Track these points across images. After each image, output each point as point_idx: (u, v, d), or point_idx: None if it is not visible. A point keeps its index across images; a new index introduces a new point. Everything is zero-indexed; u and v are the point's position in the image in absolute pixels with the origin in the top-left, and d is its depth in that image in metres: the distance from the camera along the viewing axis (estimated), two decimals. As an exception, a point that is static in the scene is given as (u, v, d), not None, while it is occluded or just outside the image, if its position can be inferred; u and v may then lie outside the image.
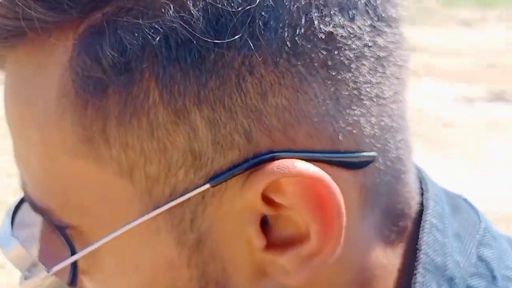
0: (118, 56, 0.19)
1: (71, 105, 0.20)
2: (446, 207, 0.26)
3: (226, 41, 0.18)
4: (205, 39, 0.18)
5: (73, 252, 0.22)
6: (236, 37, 0.18)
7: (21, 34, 0.20)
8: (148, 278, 0.23)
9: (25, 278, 0.23)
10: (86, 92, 0.19)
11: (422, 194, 0.25)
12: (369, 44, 0.21)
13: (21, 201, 0.25)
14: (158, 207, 0.20)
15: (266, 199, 0.21)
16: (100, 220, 0.22)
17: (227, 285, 0.22)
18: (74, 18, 0.19)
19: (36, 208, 0.23)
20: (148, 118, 0.19)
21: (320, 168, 0.20)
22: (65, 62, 0.20)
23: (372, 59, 0.21)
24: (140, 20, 0.18)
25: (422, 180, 0.26)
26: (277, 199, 0.20)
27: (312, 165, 0.20)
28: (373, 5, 0.21)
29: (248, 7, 0.18)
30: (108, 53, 0.19)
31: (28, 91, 0.21)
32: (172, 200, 0.20)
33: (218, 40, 0.18)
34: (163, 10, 0.18)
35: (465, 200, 0.28)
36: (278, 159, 0.20)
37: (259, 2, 0.18)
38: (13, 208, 0.25)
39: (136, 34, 0.19)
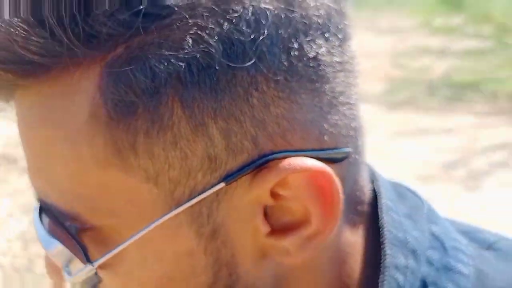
0: (150, 82, 0.21)
1: (103, 125, 0.22)
2: (393, 193, 0.29)
3: (239, 66, 0.21)
4: (221, 64, 0.21)
5: (104, 250, 0.24)
6: (247, 61, 0.21)
7: (47, 69, 0.22)
8: (170, 267, 0.25)
9: (69, 274, 0.25)
10: (118, 113, 0.22)
11: (372, 182, 0.29)
12: (340, 60, 0.24)
13: (40, 209, 0.26)
14: (180, 206, 0.23)
15: (272, 193, 0.23)
16: (128, 220, 0.24)
17: (235, 268, 0.25)
18: (101, 52, 0.22)
19: (62, 214, 0.24)
20: (172, 132, 0.22)
21: None
22: (93, 89, 0.22)
23: (342, 73, 0.24)
24: (166, 51, 0.21)
25: (371, 171, 0.29)
26: (283, 192, 0.23)
27: (317, 160, 0.23)
28: (339, 27, 0.24)
29: (254, 36, 0.21)
30: (141, 80, 0.21)
31: (55, 116, 0.23)
32: (192, 199, 0.23)
33: (232, 64, 0.21)
34: (182, 42, 0.21)
35: (406, 187, 0.31)
36: (279, 159, 0.23)
37: (262, 32, 0.21)
38: (37, 214, 0.26)
39: (165, 63, 0.21)
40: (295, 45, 0.22)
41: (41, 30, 0.21)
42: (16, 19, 0.21)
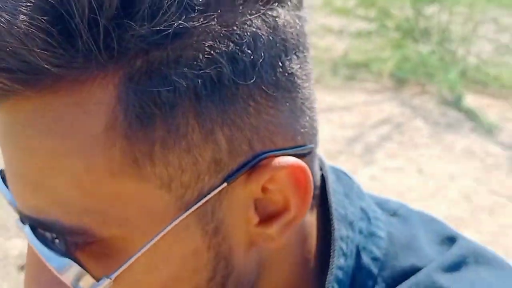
0: (171, 95, 0.22)
1: (121, 136, 0.22)
2: (333, 176, 0.33)
3: (243, 83, 0.24)
4: (229, 80, 0.23)
5: (113, 261, 0.24)
6: (248, 78, 0.24)
7: (58, 79, 0.21)
8: (176, 268, 0.26)
9: None
10: (138, 124, 0.22)
11: (321, 169, 0.32)
12: (306, 72, 0.27)
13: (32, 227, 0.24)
14: (189, 208, 0.24)
15: (262, 188, 0.26)
16: (139, 227, 0.24)
17: (231, 260, 0.27)
18: (120, 64, 0.22)
19: (66, 230, 0.23)
20: (186, 140, 0.23)
21: None
22: (112, 100, 0.22)
23: (307, 82, 0.28)
24: (184, 67, 0.22)
25: (319, 158, 0.32)
26: (270, 186, 0.26)
27: (296, 158, 0.26)
28: (305, 44, 0.27)
29: (253, 57, 0.24)
30: (163, 93, 0.22)
31: (64, 127, 0.22)
32: (200, 200, 0.24)
33: (237, 80, 0.23)
34: (197, 60, 0.22)
35: (340, 169, 0.35)
36: (268, 158, 0.25)
37: (259, 53, 0.24)
38: (32, 234, 0.24)
39: (184, 78, 0.22)
40: (280, 63, 0.25)
41: (62, 39, 0.21)
42: (32, 26, 0.21)
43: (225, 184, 0.25)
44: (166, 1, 0.21)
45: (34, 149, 0.23)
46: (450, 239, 0.33)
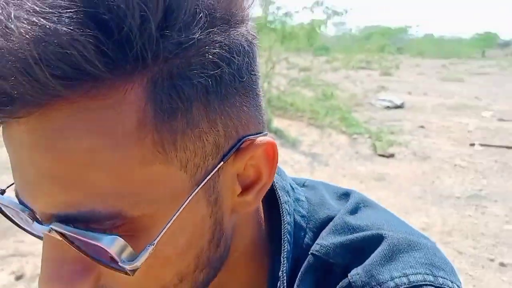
0: (191, 92, 0.26)
1: (151, 130, 0.26)
2: None
3: (235, 82, 0.29)
4: (228, 80, 0.28)
5: (144, 236, 0.27)
6: (238, 78, 0.29)
7: (99, 83, 0.24)
8: (189, 234, 0.30)
9: (129, 260, 0.26)
10: (165, 118, 0.26)
11: None
12: (259, 75, 0.33)
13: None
14: (199, 184, 0.29)
15: (245, 164, 0.32)
16: (165, 205, 0.28)
17: (222, 224, 0.33)
18: (147, 69, 0.25)
19: (101, 216, 0.26)
20: (198, 129, 0.28)
21: None
22: (141, 99, 0.25)
23: (259, 82, 0.33)
24: (198, 70, 0.27)
25: None
26: (250, 162, 0.32)
27: (267, 136, 0.32)
28: (255, 51, 0.32)
29: (239, 62, 0.29)
30: (185, 91, 0.26)
31: (101, 126, 0.25)
32: (206, 177, 0.29)
33: (232, 78, 0.29)
34: (207, 64, 0.27)
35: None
36: (248, 140, 0.31)
37: (243, 59, 0.30)
38: (67, 225, 0.26)
39: (200, 79, 0.27)
40: (251, 68, 0.31)
41: (114, 47, 0.23)
42: (81, 32, 0.22)
43: (222, 163, 0.30)
44: (186, 17, 0.25)
45: (72, 149, 0.25)
46: (345, 194, 0.45)
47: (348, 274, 0.36)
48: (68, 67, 0.22)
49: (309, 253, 0.38)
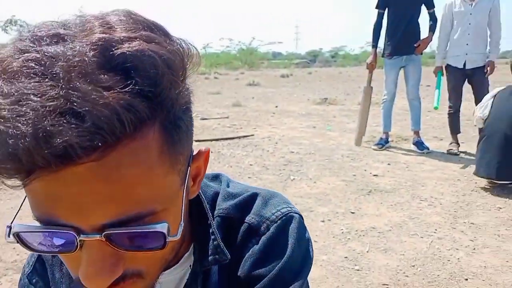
0: (186, 126, 0.41)
1: (167, 155, 0.39)
2: None
3: (192, 117, 0.43)
4: (191, 116, 0.43)
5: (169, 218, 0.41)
6: (191, 113, 0.43)
7: (137, 132, 0.35)
8: (178, 210, 0.43)
9: (172, 236, 0.40)
10: (174, 146, 0.39)
11: None
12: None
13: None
14: (184, 183, 0.43)
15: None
16: (173, 198, 0.42)
17: (187, 203, 0.48)
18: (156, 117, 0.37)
19: (144, 214, 0.38)
20: (184, 148, 0.41)
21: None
22: (158, 136, 0.37)
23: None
24: (182, 106, 0.40)
25: None
26: (198, 163, 0.48)
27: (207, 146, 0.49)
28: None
29: (191, 103, 0.43)
30: (183, 127, 0.40)
31: (139, 159, 0.36)
32: (186, 175, 0.43)
33: (191, 115, 0.43)
34: (186, 100, 0.41)
35: None
36: (199, 150, 0.48)
37: (191, 101, 0.43)
38: (122, 227, 0.37)
39: (188, 116, 0.41)
40: (191, 107, 0.43)
41: (147, 113, 0.35)
42: (123, 96, 0.33)
43: (189, 167, 0.44)
44: (170, 81, 0.37)
45: (122, 176, 0.35)
46: (216, 176, 0.65)
47: (245, 221, 0.56)
48: (119, 124, 0.33)
49: (215, 216, 0.57)
